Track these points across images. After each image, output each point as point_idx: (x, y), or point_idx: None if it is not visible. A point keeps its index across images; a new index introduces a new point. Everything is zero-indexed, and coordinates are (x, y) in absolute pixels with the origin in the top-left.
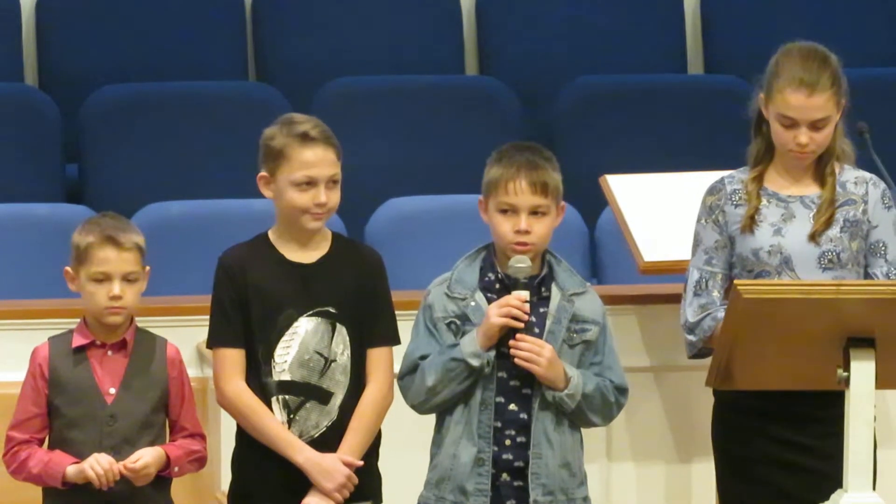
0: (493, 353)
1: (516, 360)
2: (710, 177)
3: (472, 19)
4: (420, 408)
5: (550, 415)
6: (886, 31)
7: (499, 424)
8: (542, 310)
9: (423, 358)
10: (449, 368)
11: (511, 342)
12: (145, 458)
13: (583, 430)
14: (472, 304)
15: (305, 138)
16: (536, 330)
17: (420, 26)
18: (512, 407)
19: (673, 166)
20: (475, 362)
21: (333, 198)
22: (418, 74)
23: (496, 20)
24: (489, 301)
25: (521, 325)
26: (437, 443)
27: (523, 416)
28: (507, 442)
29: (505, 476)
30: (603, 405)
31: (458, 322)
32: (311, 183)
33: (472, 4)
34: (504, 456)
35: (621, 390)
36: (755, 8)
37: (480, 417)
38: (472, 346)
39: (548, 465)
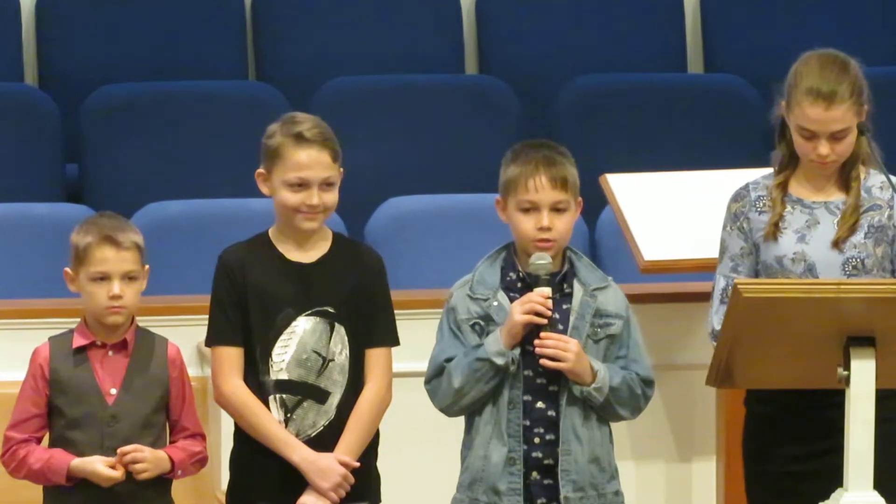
0: (517, 352)
1: (542, 360)
2: (710, 176)
3: (472, 19)
4: (449, 410)
5: (578, 410)
6: (886, 31)
7: (527, 423)
8: (565, 306)
9: (449, 360)
10: (475, 369)
11: (536, 341)
12: (136, 453)
13: None
14: (495, 304)
15: (300, 139)
16: (560, 326)
17: (420, 26)
18: (539, 405)
19: (673, 166)
20: (500, 361)
21: (328, 199)
22: (418, 74)
23: (496, 20)
24: (511, 300)
25: (545, 321)
26: (467, 444)
27: (551, 413)
28: (537, 440)
29: (535, 474)
30: (630, 398)
31: (482, 323)
32: (303, 184)
33: (472, 4)
34: (534, 454)
35: (648, 382)
36: (755, 8)
37: (509, 416)
38: (496, 346)
39: (577, 461)
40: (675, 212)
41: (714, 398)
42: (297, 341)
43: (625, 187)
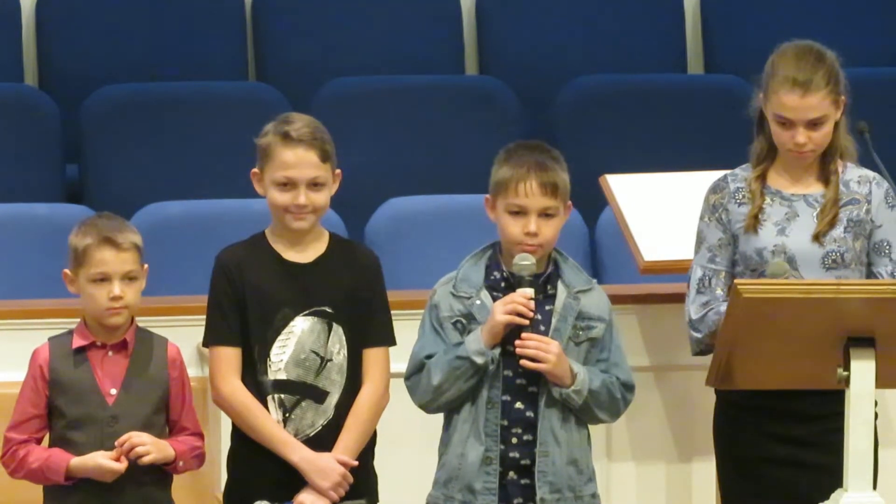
0: (497, 351)
1: (522, 360)
2: (710, 176)
3: (472, 19)
4: (427, 407)
5: (557, 412)
6: (886, 31)
7: (505, 423)
8: (547, 307)
9: (430, 357)
10: (454, 367)
11: (517, 341)
12: (134, 437)
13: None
14: (478, 302)
15: (287, 138)
16: (542, 328)
17: (420, 26)
18: (518, 405)
19: (673, 166)
20: (480, 360)
21: (317, 199)
22: (418, 74)
23: (496, 20)
24: (495, 299)
25: (527, 322)
26: (444, 442)
27: (529, 414)
28: (514, 440)
29: (512, 474)
30: (609, 402)
31: (464, 321)
32: (289, 184)
33: (472, 4)
34: (511, 454)
35: (628, 387)
36: (755, 8)
37: (487, 416)
38: (476, 344)
39: (554, 463)
40: (675, 212)
41: (714, 398)
42: (296, 341)
43: (625, 187)
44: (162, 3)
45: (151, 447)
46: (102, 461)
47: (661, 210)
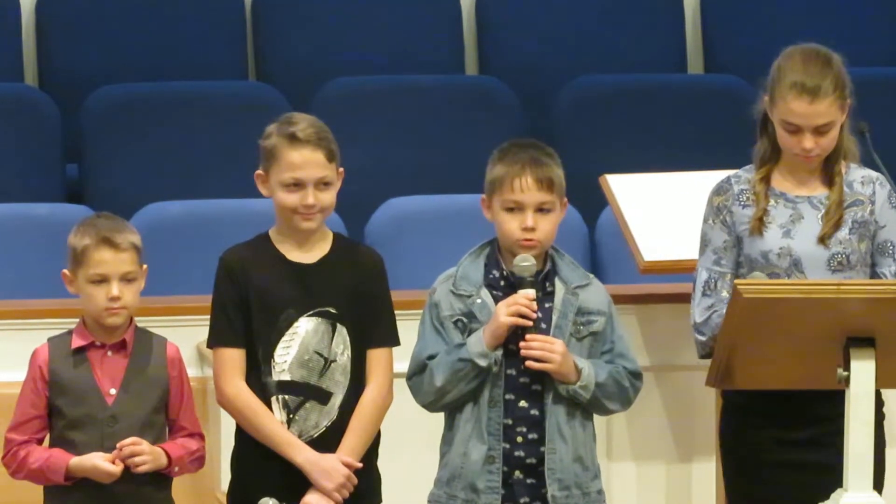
0: (500, 352)
1: (528, 361)
2: (710, 176)
3: (472, 19)
4: (430, 407)
5: (563, 409)
6: (886, 31)
7: (509, 421)
8: (547, 305)
9: (432, 358)
10: (457, 369)
11: (522, 343)
12: (138, 444)
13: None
14: (479, 301)
15: (293, 139)
16: (543, 326)
17: (420, 26)
18: (522, 404)
19: (673, 166)
20: (483, 362)
21: (325, 199)
22: (418, 74)
23: (496, 20)
24: (495, 298)
25: (530, 323)
26: (447, 441)
27: (534, 412)
28: (519, 439)
29: (518, 473)
30: (618, 392)
31: (465, 320)
32: (298, 184)
33: (472, 4)
34: (516, 453)
35: (635, 375)
36: (755, 8)
37: (490, 415)
38: (479, 346)
39: (562, 460)
40: (675, 212)
41: (714, 398)
42: (300, 342)
43: (625, 187)
44: (162, 3)
45: (148, 457)
46: (99, 463)
47: (661, 210)
